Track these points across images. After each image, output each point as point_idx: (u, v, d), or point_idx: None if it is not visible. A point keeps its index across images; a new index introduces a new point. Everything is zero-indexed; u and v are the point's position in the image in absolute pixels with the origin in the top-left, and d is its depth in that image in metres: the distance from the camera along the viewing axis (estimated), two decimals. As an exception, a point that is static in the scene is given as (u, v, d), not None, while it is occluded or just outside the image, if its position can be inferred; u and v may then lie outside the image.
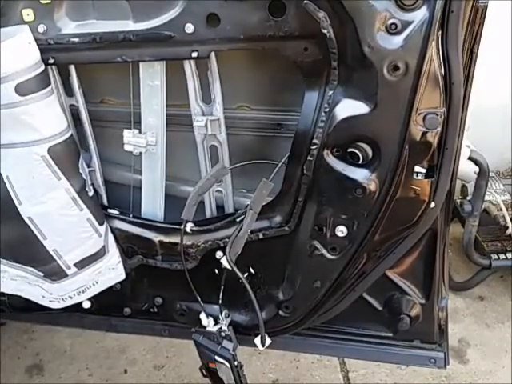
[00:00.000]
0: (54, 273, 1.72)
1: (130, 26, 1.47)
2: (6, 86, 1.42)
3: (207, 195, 1.71)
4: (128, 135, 1.67)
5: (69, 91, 1.67)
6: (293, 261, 1.67)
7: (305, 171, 1.49)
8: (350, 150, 1.42)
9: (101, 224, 1.70)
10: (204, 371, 1.76)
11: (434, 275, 1.71)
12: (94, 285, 1.78)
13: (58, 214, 1.61)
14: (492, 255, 2.92)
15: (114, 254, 1.77)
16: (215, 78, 1.53)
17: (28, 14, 1.48)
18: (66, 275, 1.72)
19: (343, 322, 1.83)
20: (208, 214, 1.77)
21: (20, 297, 1.83)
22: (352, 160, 1.43)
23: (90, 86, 1.70)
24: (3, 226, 1.64)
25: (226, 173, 1.65)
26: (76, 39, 1.50)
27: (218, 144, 1.63)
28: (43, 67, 1.50)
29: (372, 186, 1.44)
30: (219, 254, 1.69)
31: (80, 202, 1.62)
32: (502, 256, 2.92)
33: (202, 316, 1.72)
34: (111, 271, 1.78)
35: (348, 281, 1.64)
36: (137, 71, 1.59)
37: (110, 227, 1.76)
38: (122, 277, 1.81)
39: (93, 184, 1.72)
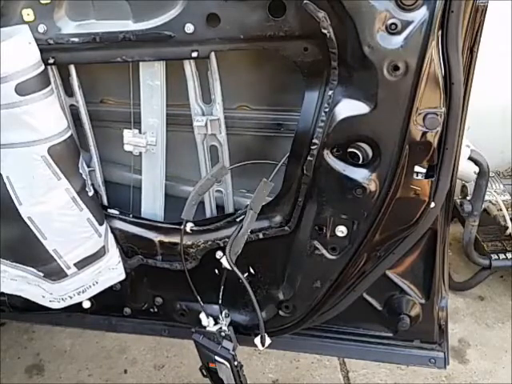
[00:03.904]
0: (54, 273, 1.71)
1: (130, 25, 1.47)
2: (5, 86, 1.42)
3: (207, 195, 1.71)
4: (128, 135, 1.67)
5: (69, 91, 1.67)
6: (293, 261, 1.67)
7: (305, 171, 1.49)
8: (349, 149, 1.42)
9: (101, 224, 1.70)
10: (204, 371, 1.76)
11: (433, 275, 1.71)
12: (93, 285, 1.78)
13: (57, 214, 1.61)
14: (492, 255, 2.91)
15: (113, 254, 1.77)
16: (215, 78, 1.53)
17: (28, 14, 1.48)
18: (65, 275, 1.72)
19: (343, 322, 1.83)
20: (208, 214, 1.77)
21: (20, 297, 1.83)
22: (352, 160, 1.43)
23: (90, 86, 1.70)
24: (3, 226, 1.64)
25: (226, 173, 1.65)
26: (76, 39, 1.50)
27: (218, 144, 1.63)
28: (43, 67, 1.50)
29: (372, 186, 1.44)
30: (219, 253, 1.69)
31: (80, 202, 1.62)
32: (502, 256, 2.92)
33: (202, 316, 1.72)
34: (111, 271, 1.78)
35: (348, 281, 1.64)
36: (137, 71, 1.59)
37: (110, 227, 1.76)
38: (122, 277, 1.81)
39: (93, 184, 1.72)
